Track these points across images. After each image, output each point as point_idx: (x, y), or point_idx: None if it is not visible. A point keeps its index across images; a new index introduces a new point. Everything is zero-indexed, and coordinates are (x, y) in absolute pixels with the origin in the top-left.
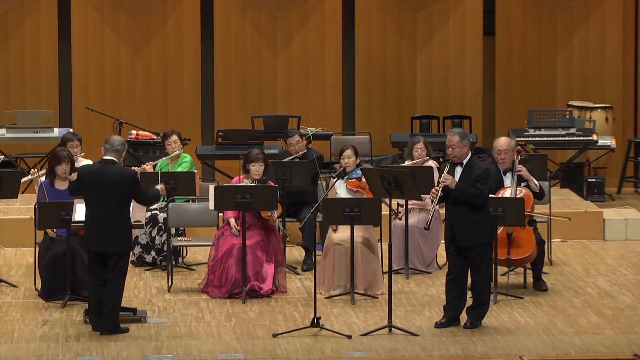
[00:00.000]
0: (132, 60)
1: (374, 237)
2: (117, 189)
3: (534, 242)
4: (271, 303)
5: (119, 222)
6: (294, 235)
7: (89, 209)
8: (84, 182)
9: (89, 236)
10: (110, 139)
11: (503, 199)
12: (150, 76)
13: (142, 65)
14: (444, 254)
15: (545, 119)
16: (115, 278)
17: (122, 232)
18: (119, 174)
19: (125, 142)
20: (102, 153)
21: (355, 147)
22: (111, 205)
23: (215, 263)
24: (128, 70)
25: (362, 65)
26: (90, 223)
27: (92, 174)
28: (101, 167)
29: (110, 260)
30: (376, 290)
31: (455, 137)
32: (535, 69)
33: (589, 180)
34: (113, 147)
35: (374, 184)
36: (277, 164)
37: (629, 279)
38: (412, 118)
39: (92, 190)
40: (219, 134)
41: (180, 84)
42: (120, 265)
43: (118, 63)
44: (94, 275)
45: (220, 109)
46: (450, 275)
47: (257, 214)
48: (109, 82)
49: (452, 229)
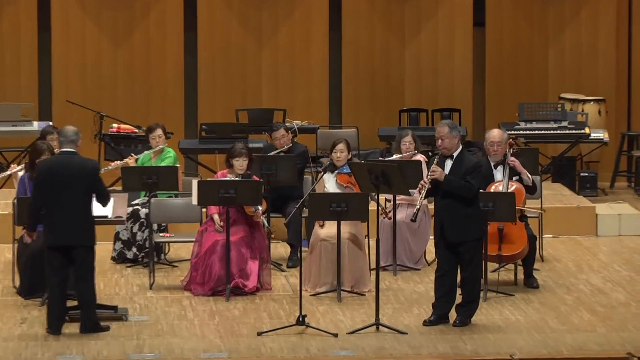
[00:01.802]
0: (113, 53)
1: (361, 233)
2: (80, 180)
3: (526, 238)
4: (256, 301)
5: (83, 214)
6: (279, 231)
7: (51, 203)
8: (43, 176)
9: (51, 231)
10: (63, 131)
11: (494, 193)
12: (133, 69)
13: (124, 57)
14: (433, 250)
15: (536, 112)
16: (85, 274)
17: (87, 224)
18: (81, 165)
19: (78, 131)
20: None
21: (347, 141)
22: (74, 197)
23: (198, 260)
24: (110, 62)
25: (349, 58)
26: (52, 217)
27: (51, 166)
28: (61, 159)
29: (76, 254)
30: (363, 287)
31: (445, 128)
32: (526, 61)
33: (581, 175)
34: (68, 138)
35: (362, 178)
36: (262, 158)
37: (622, 275)
38: (400, 111)
39: (53, 184)
40: (203, 128)
41: (163, 76)
42: (88, 259)
43: (99, 55)
44: (56, 272)
45: (203, 102)
46: (439, 272)
47: (241, 210)
48: (90, 75)
49: (442, 224)
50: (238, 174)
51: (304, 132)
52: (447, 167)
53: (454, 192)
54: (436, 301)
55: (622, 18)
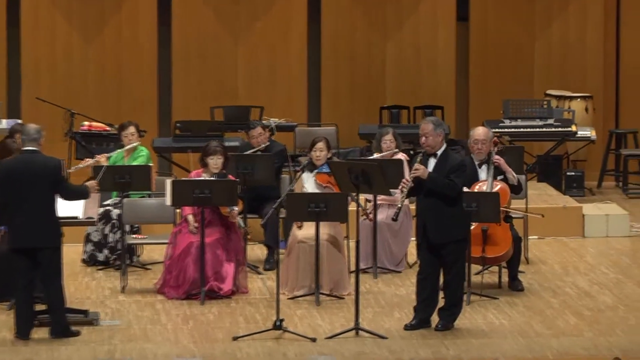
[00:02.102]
0: (84, 48)
1: (340, 235)
2: (43, 180)
3: (510, 240)
4: (231, 304)
5: (47, 214)
6: (255, 233)
7: (13, 204)
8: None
9: (14, 232)
10: (25, 129)
11: (477, 193)
12: (104, 65)
13: (95, 53)
14: (415, 252)
15: (521, 109)
16: (51, 276)
17: (52, 224)
18: (44, 163)
19: (41, 129)
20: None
21: (327, 140)
22: (37, 197)
23: (172, 262)
24: (80, 58)
25: (329, 53)
26: (15, 218)
27: (14, 166)
28: (24, 158)
29: (42, 256)
30: (342, 290)
31: (429, 125)
32: (511, 56)
33: (567, 174)
34: (30, 136)
35: (341, 178)
36: (239, 157)
37: (609, 278)
38: (381, 108)
39: (15, 184)
40: (177, 126)
41: (135, 73)
42: (54, 261)
43: (70, 51)
44: (22, 274)
45: (177, 99)
46: (421, 275)
47: (217, 210)
48: (60, 71)
49: (424, 224)
50: (213, 174)
51: (281, 130)
52: (430, 166)
53: (438, 190)
54: (418, 305)
55: (610, 12)
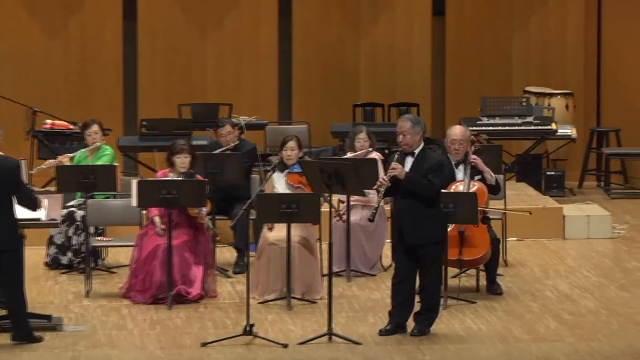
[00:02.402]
0: (47, 43)
1: (312, 237)
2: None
3: (488, 242)
4: (200, 309)
5: (4, 216)
6: (224, 235)
7: None
8: None
9: None
10: None
11: (454, 194)
12: (68, 61)
13: (58, 48)
14: (389, 254)
15: (499, 107)
16: (12, 280)
17: (10, 226)
18: (1, 164)
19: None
20: None
21: (299, 138)
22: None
23: (138, 265)
24: (43, 54)
25: (300, 49)
26: None
27: None
28: None
29: (1, 259)
30: (315, 294)
31: (407, 123)
32: (489, 52)
33: (547, 174)
34: None
35: (313, 178)
36: (207, 157)
37: (591, 281)
38: (354, 106)
39: None
40: (143, 124)
41: (100, 69)
42: (14, 264)
43: (32, 46)
44: None
45: (144, 97)
46: (397, 278)
47: (185, 211)
48: (22, 67)
49: (400, 225)
50: (180, 173)
51: (251, 129)
52: (407, 165)
53: (415, 191)
54: (393, 309)
55: (591, 7)
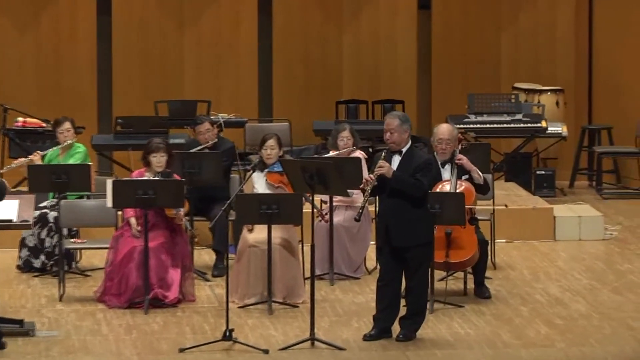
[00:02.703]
0: (19, 39)
1: (294, 238)
2: None
3: (476, 243)
4: (177, 313)
5: None
6: (203, 236)
7: None
8: None
9: None
10: None
11: (440, 194)
12: (40, 56)
13: (30, 44)
14: (374, 256)
15: (488, 104)
16: None
17: None
18: None
19: None
20: None
21: (279, 136)
22: None
23: (114, 268)
24: (15, 49)
25: (281, 44)
26: None
27: None
28: None
29: None
30: (297, 298)
31: (395, 121)
32: (476, 47)
33: (537, 173)
34: None
35: (295, 177)
36: (184, 155)
37: (582, 284)
38: (337, 103)
39: None
40: (118, 122)
41: (73, 65)
42: None
43: (3, 42)
44: None
45: (119, 93)
46: (382, 281)
47: (161, 212)
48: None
49: (386, 226)
50: (157, 173)
51: (230, 126)
52: (394, 164)
53: (403, 190)
54: (378, 313)
55: (582, 0)
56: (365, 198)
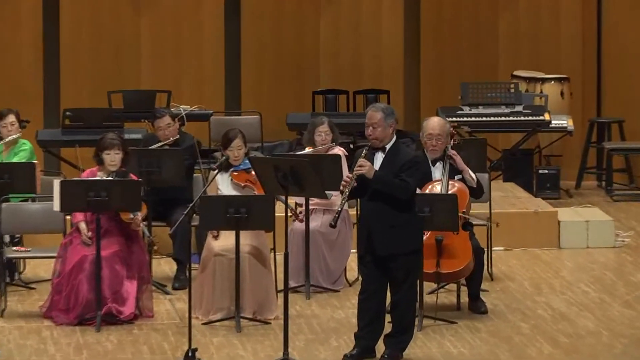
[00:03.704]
0: None
1: (265, 246)
2: None
3: (470, 251)
4: (134, 331)
5: None
6: (162, 244)
7: None
8: None
9: None
10: None
11: (430, 196)
12: None
13: None
14: (355, 266)
15: (483, 94)
16: None
17: None
18: None
19: None
20: None
21: (243, 133)
22: None
23: (62, 280)
24: None
25: (251, 28)
26: None
27: None
28: None
29: None
30: (268, 313)
31: (378, 114)
32: (471, 31)
33: (539, 172)
34: None
35: (266, 177)
36: (142, 153)
37: (590, 297)
38: (314, 93)
39: None
40: (66, 115)
41: (16, 50)
42: None
43: None
44: None
45: (67, 83)
46: (364, 294)
47: (116, 217)
48: None
49: (369, 233)
50: (110, 172)
51: (193, 120)
52: (377, 162)
53: (386, 192)
54: (360, 331)
55: None
56: (342, 201)
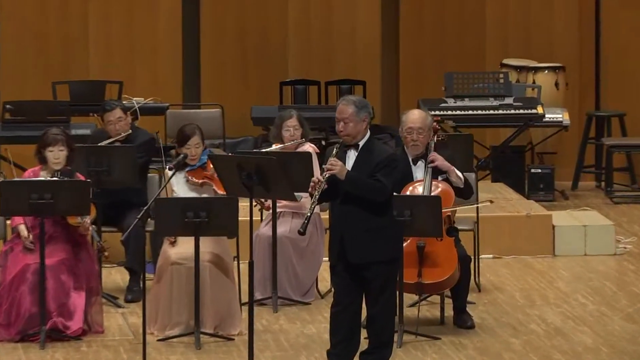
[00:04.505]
0: None
1: (228, 254)
2: None
3: (455, 259)
4: (82, 348)
5: None
6: (114, 251)
7: None
8: None
9: None
10: None
11: (411, 197)
12: None
13: None
14: (328, 276)
15: (470, 85)
16: None
17: None
18: None
19: None
20: None
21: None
22: None
23: (2, 292)
24: None
25: (211, 11)
26: None
27: None
28: None
29: None
30: (231, 328)
31: (349, 108)
32: (455, 15)
33: (532, 171)
34: None
35: (228, 177)
36: (90, 150)
37: (588, 310)
38: (281, 84)
39: None
40: (7, 108)
41: None
42: None
43: None
44: None
45: (7, 73)
46: (337, 307)
47: (62, 221)
48: None
49: (341, 239)
50: (55, 171)
51: (148, 113)
52: (349, 161)
53: (360, 194)
54: (333, 348)
55: None
56: (312, 205)
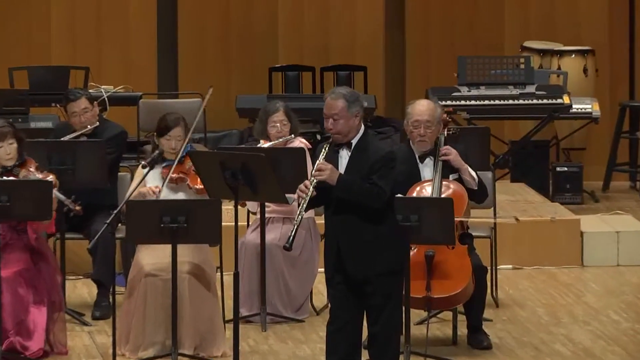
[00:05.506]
0: None
1: (209, 264)
2: None
3: (469, 270)
4: None
5: None
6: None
7: None
8: None
9: None
10: None
11: (419, 200)
12: None
13: None
14: (324, 290)
15: (485, 71)
16: None
17: None
18: None
19: None
20: None
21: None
22: None
23: None
24: None
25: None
26: None
27: None
28: None
29: None
30: (214, 349)
31: (339, 102)
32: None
33: (557, 170)
34: None
35: (210, 177)
36: (52, 145)
37: (621, 328)
38: (270, 70)
39: None
40: None
41: None
42: None
43: None
44: None
45: None
46: (334, 325)
47: (20, 227)
48: None
49: (338, 250)
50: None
51: (118, 103)
52: (342, 162)
53: (354, 200)
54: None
55: None
56: (298, 215)
